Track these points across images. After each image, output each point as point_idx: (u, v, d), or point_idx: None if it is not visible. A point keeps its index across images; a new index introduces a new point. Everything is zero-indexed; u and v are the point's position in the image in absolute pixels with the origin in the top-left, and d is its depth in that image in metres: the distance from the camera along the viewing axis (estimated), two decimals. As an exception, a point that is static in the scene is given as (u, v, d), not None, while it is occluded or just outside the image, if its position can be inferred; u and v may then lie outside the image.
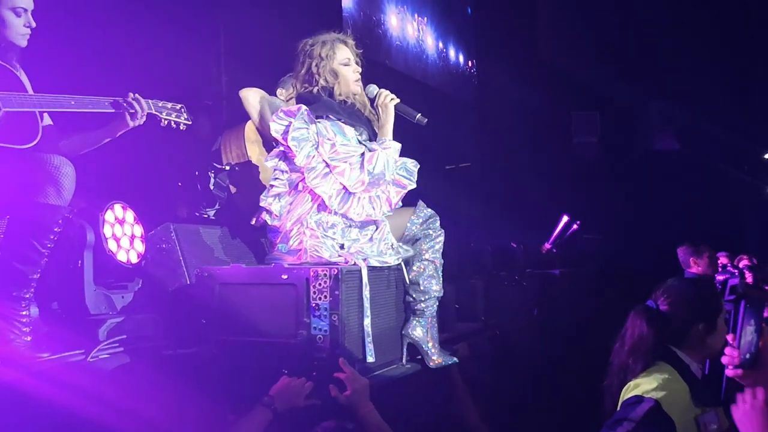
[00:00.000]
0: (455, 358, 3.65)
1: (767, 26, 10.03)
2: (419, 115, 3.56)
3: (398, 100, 3.55)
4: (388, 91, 3.56)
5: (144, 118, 3.14)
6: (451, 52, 10.21)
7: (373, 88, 3.58)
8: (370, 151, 3.36)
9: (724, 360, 1.98)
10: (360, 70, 3.56)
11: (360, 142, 3.44)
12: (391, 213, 3.41)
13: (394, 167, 3.40)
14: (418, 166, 3.50)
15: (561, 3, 11.35)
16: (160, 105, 3.23)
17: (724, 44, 10.49)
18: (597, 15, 10.74)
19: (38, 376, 2.62)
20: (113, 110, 3.07)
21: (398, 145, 3.46)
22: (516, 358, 5.65)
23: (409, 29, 8.80)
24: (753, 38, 10.29)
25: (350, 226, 3.33)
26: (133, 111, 3.08)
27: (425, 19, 9.36)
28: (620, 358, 2.55)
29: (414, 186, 3.46)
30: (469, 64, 10.73)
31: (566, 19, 11.29)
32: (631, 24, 10.64)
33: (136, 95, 3.11)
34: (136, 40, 4.75)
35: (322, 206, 3.30)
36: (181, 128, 3.32)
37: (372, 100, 3.58)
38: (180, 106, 3.33)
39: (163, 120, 3.24)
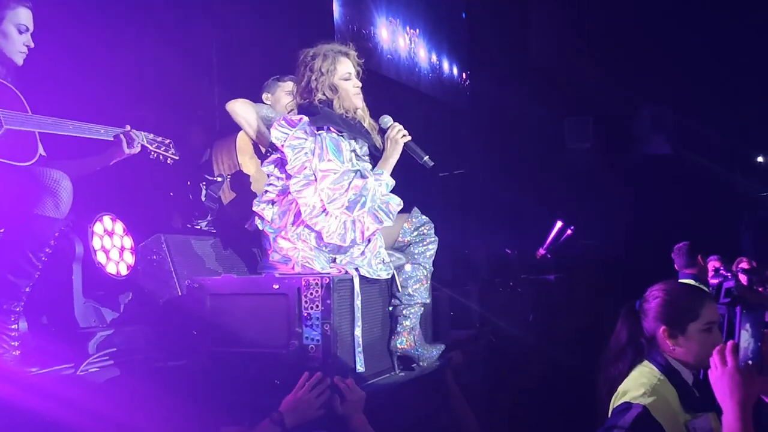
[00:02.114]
0: (442, 345, 3.64)
1: (759, 30, 10.07)
2: (427, 157, 3.54)
3: (410, 138, 3.53)
4: (401, 126, 3.53)
5: (139, 147, 3.29)
6: (445, 65, 10.15)
7: (387, 120, 3.56)
8: (362, 177, 3.36)
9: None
10: (360, 84, 3.52)
11: (358, 157, 3.43)
12: (362, 244, 3.32)
13: (379, 200, 3.35)
14: (401, 207, 3.43)
15: (553, 10, 11.38)
16: (150, 138, 3.37)
17: (716, 49, 10.53)
18: (589, 21, 10.77)
19: (27, 390, 2.61)
20: (109, 138, 3.20)
21: (391, 182, 3.44)
22: (512, 364, 5.64)
23: (400, 42, 8.66)
24: (744, 42, 10.33)
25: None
26: (128, 141, 3.22)
27: (417, 30, 9.24)
28: (606, 352, 2.61)
29: (390, 224, 3.39)
30: (463, 76, 10.73)
31: (558, 25, 11.32)
32: (624, 30, 10.66)
33: (133, 130, 3.26)
34: (128, 53, 4.75)
35: None
36: (168, 162, 3.45)
37: (383, 131, 3.55)
38: (169, 141, 3.47)
39: (152, 153, 3.38)
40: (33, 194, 2.75)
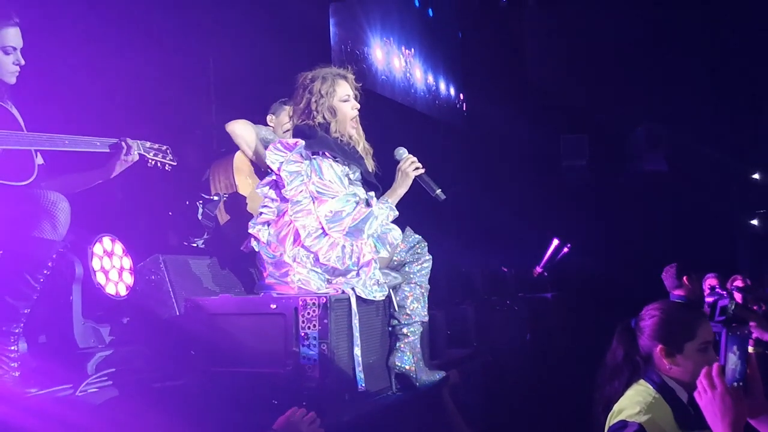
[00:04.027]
0: (443, 372, 3.65)
1: (753, 48, 10.14)
2: (439, 190, 3.59)
3: (423, 171, 3.58)
4: (414, 159, 3.58)
5: (137, 155, 3.26)
6: (441, 86, 10.14)
7: (402, 152, 3.61)
8: (367, 205, 3.39)
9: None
10: (359, 106, 3.59)
11: (351, 181, 3.46)
12: (354, 268, 3.35)
13: (380, 229, 3.40)
14: (399, 240, 3.49)
15: (549, 28, 11.46)
16: (147, 146, 3.35)
17: (711, 66, 10.59)
18: (585, 39, 10.84)
19: (26, 411, 2.62)
20: (105, 150, 3.17)
21: (395, 213, 3.49)
22: (509, 383, 5.64)
23: (395, 62, 8.60)
24: (739, 59, 10.40)
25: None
26: (123, 151, 3.19)
27: (413, 50, 9.22)
28: (602, 370, 2.63)
29: (387, 255, 3.46)
30: (460, 96, 10.76)
31: (554, 43, 11.39)
32: (619, 47, 10.73)
33: (127, 139, 3.22)
34: (126, 70, 4.78)
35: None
36: (167, 168, 3.44)
37: (396, 162, 3.60)
38: (166, 147, 3.45)
39: (150, 161, 3.36)
40: (30, 216, 2.75)
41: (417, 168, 3.57)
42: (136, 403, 2.96)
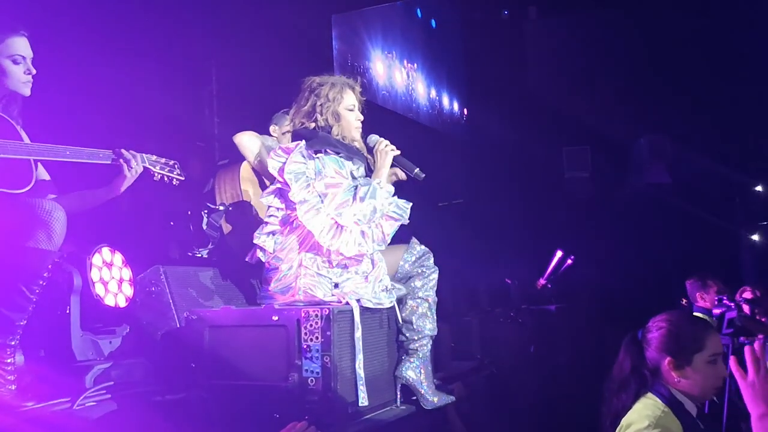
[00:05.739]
0: (452, 396, 3.60)
1: (756, 59, 10.13)
2: (417, 169, 3.56)
3: (398, 152, 3.55)
4: (388, 142, 3.56)
5: (141, 167, 3.18)
6: (445, 100, 10.09)
7: (375, 137, 3.59)
8: (364, 185, 3.35)
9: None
10: (362, 117, 3.58)
11: (354, 178, 3.43)
12: (383, 247, 3.34)
13: (387, 204, 3.37)
14: (411, 204, 3.47)
15: (550, 40, 11.46)
16: (153, 159, 3.28)
17: (715, 77, 10.58)
18: (586, 51, 10.84)
19: (23, 425, 2.57)
20: (108, 161, 3.11)
21: (391, 188, 3.46)
22: (513, 396, 5.60)
23: (397, 76, 8.48)
24: (742, 70, 10.38)
25: (345, 265, 3.29)
26: (128, 163, 3.12)
27: (415, 64, 9.16)
28: (609, 383, 2.59)
29: (406, 222, 3.42)
30: (464, 111, 10.73)
31: (556, 55, 11.39)
32: (621, 59, 10.73)
33: (131, 151, 3.15)
34: (129, 83, 4.77)
35: (317, 244, 3.27)
36: (174, 183, 3.37)
37: (371, 148, 3.58)
38: (173, 162, 3.38)
39: (156, 174, 3.28)
40: (25, 226, 2.71)
41: (393, 149, 3.53)
42: (135, 417, 2.93)
